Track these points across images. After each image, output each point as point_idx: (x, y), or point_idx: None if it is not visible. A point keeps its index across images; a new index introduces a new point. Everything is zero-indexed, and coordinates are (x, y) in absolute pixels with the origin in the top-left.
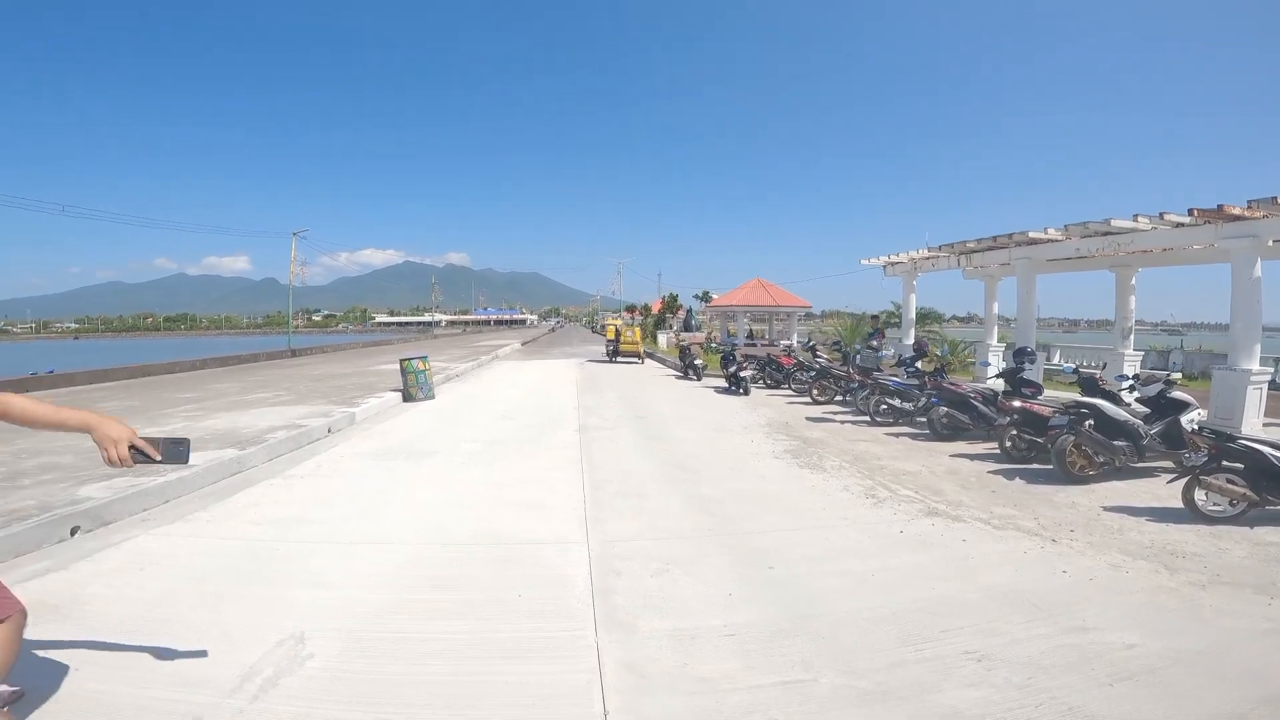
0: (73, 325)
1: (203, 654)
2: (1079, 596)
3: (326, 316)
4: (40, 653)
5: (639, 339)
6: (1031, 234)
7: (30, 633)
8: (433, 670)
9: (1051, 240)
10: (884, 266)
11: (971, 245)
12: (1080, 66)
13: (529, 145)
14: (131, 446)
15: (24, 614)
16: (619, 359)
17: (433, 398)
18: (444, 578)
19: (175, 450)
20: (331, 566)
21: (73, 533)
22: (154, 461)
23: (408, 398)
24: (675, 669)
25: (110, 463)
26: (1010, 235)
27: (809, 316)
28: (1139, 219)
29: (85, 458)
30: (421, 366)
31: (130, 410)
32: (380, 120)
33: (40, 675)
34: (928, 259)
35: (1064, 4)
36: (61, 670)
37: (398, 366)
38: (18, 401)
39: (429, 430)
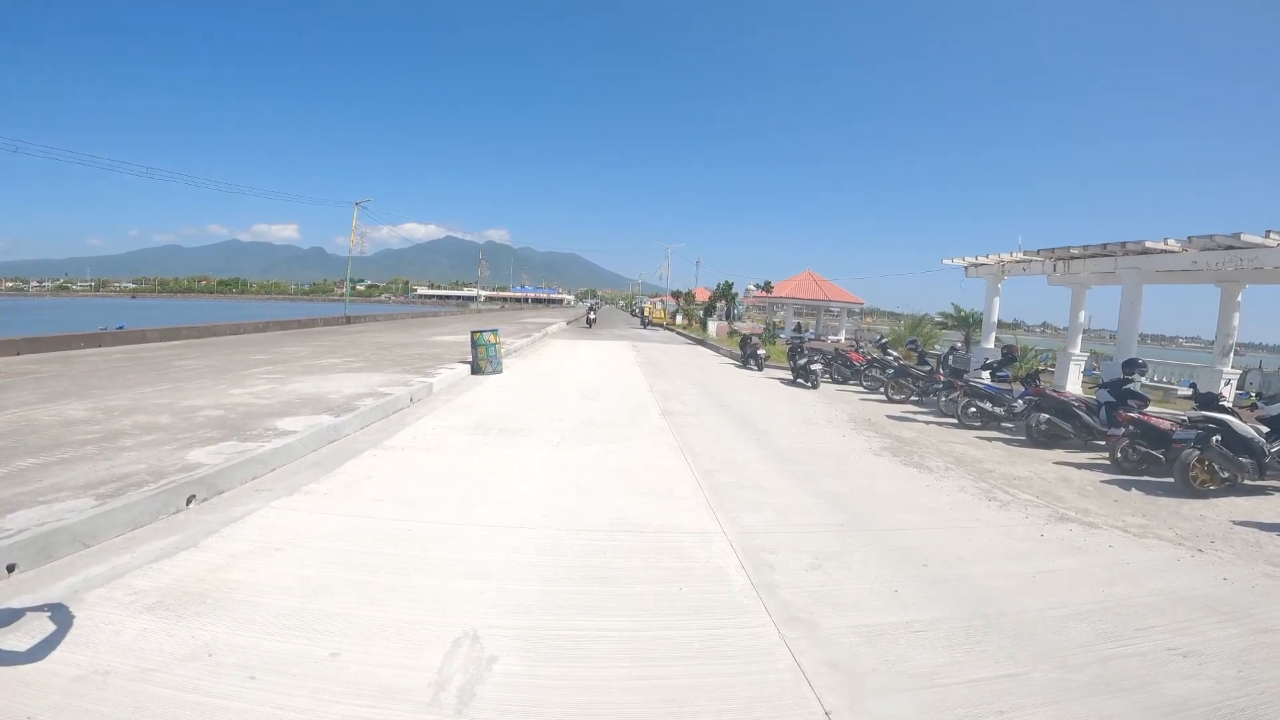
0: (130, 285)
1: (380, 657)
2: (1251, 601)
3: (369, 286)
4: (212, 656)
5: (662, 316)
6: (1147, 244)
7: (189, 628)
8: (627, 673)
9: (1168, 251)
10: (966, 267)
11: (1075, 251)
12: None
13: (575, 128)
14: None
15: None
16: (649, 327)
17: (500, 372)
18: (595, 568)
19: None
20: (473, 553)
21: (188, 502)
22: None
23: (476, 370)
24: (880, 666)
25: None
26: (1122, 244)
27: (848, 314)
28: (1270, 235)
29: (183, 418)
30: (492, 340)
31: (211, 370)
32: (426, 96)
33: (216, 679)
34: (1018, 263)
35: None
36: (239, 677)
37: (453, 339)
38: None
39: (512, 406)
